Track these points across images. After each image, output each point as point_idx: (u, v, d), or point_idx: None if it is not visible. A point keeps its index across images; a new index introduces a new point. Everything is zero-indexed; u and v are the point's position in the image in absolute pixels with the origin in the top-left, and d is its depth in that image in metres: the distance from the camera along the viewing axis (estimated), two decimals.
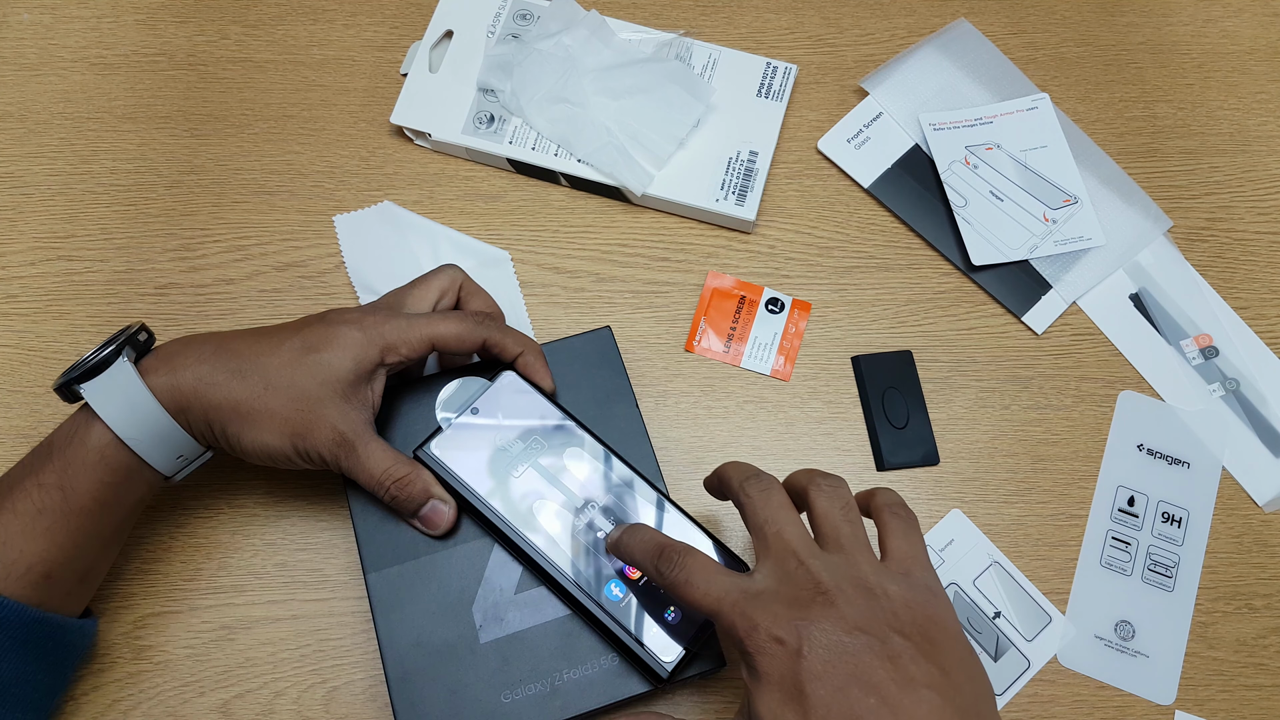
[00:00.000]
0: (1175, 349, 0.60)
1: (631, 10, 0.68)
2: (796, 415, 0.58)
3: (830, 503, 0.42)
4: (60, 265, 0.60)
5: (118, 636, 0.52)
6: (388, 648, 0.48)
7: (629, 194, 0.61)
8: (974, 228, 0.61)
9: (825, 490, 0.43)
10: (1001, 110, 0.64)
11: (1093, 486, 0.57)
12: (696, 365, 0.59)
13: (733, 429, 0.57)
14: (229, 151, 0.64)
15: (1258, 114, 0.66)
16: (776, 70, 0.64)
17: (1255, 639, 0.54)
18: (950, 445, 0.57)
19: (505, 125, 0.62)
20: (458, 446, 0.50)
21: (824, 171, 0.64)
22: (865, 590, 0.38)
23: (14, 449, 0.56)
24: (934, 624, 0.38)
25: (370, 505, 0.50)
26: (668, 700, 0.51)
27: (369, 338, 0.47)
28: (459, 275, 0.52)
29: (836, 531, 0.41)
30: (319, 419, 0.46)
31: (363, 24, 0.68)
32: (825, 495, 0.42)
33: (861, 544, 0.40)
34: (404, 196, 0.62)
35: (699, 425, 0.57)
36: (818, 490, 0.43)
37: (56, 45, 0.66)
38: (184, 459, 0.47)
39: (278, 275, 0.60)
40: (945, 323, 0.60)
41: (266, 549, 0.54)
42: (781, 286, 0.61)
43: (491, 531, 0.49)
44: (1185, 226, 0.63)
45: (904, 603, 0.38)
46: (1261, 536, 0.56)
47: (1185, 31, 0.68)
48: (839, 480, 0.43)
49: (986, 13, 0.69)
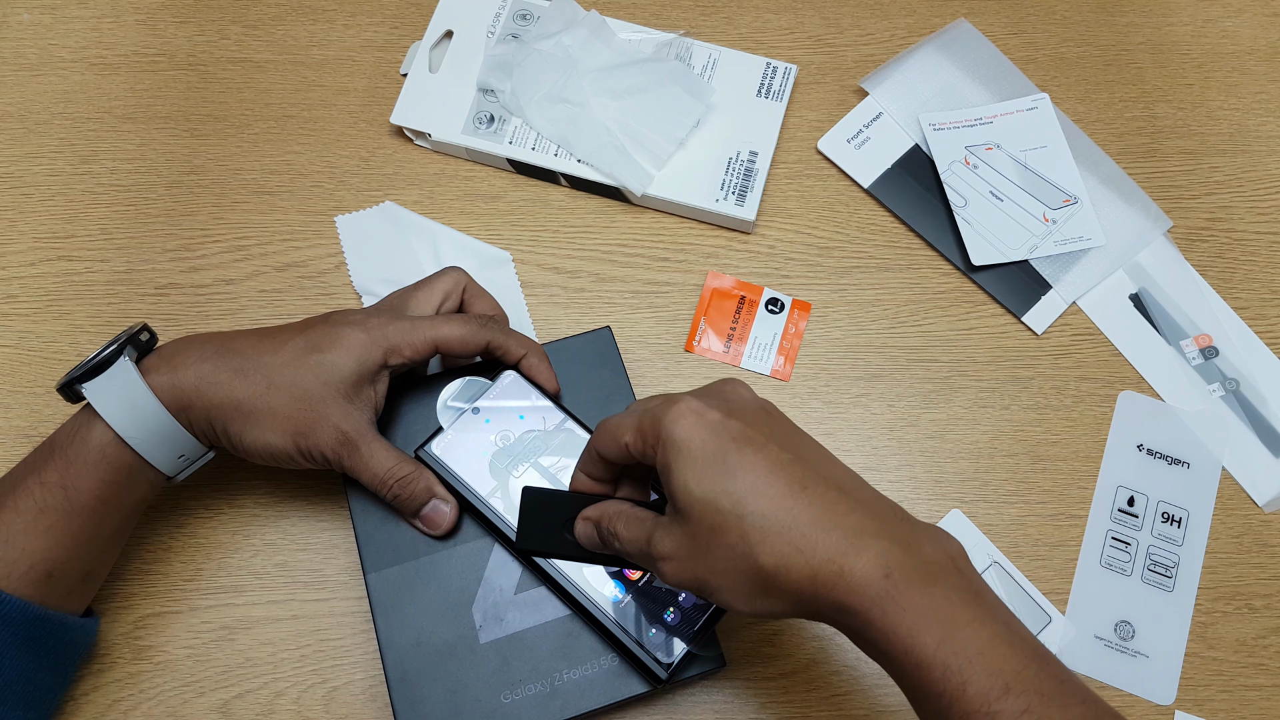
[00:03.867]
0: (1175, 349, 0.60)
1: (631, 10, 0.68)
2: (796, 415, 0.58)
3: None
4: (60, 265, 0.60)
5: (118, 636, 0.52)
6: (388, 648, 0.48)
7: (629, 194, 0.61)
8: (974, 228, 0.61)
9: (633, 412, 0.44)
10: (1001, 110, 0.64)
11: (1093, 486, 0.57)
12: (696, 365, 0.59)
13: None
14: (229, 151, 0.64)
15: (1258, 114, 0.66)
16: (776, 70, 0.64)
17: (1255, 639, 0.54)
18: (950, 445, 0.57)
19: (505, 125, 0.62)
20: (459, 446, 0.50)
21: (824, 171, 0.64)
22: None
23: (15, 449, 0.56)
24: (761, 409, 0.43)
25: (370, 505, 0.50)
26: (667, 700, 0.51)
27: (372, 339, 0.47)
28: (463, 278, 0.52)
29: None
30: (321, 418, 0.46)
31: (363, 24, 0.68)
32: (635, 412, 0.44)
33: None
34: (404, 196, 0.62)
35: None
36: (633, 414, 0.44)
37: (56, 45, 0.66)
38: (186, 459, 0.47)
39: (278, 275, 0.60)
40: (945, 323, 0.60)
41: (266, 549, 0.54)
42: (781, 286, 0.61)
43: (492, 531, 0.49)
44: (1185, 226, 0.63)
45: (739, 401, 0.42)
46: (1261, 536, 0.56)
47: (1185, 31, 0.68)
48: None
49: (986, 13, 0.69)
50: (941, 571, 0.37)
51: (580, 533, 0.45)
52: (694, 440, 0.39)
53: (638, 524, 0.42)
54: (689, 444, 0.39)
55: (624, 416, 0.43)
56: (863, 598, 0.36)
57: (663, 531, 0.41)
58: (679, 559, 0.40)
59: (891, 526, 0.38)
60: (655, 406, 0.42)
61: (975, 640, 0.35)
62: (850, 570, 0.36)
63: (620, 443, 0.42)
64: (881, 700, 0.52)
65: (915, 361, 0.59)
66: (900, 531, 0.38)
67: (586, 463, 0.45)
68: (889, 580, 0.36)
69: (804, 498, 0.38)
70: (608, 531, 0.43)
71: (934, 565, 0.37)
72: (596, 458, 0.45)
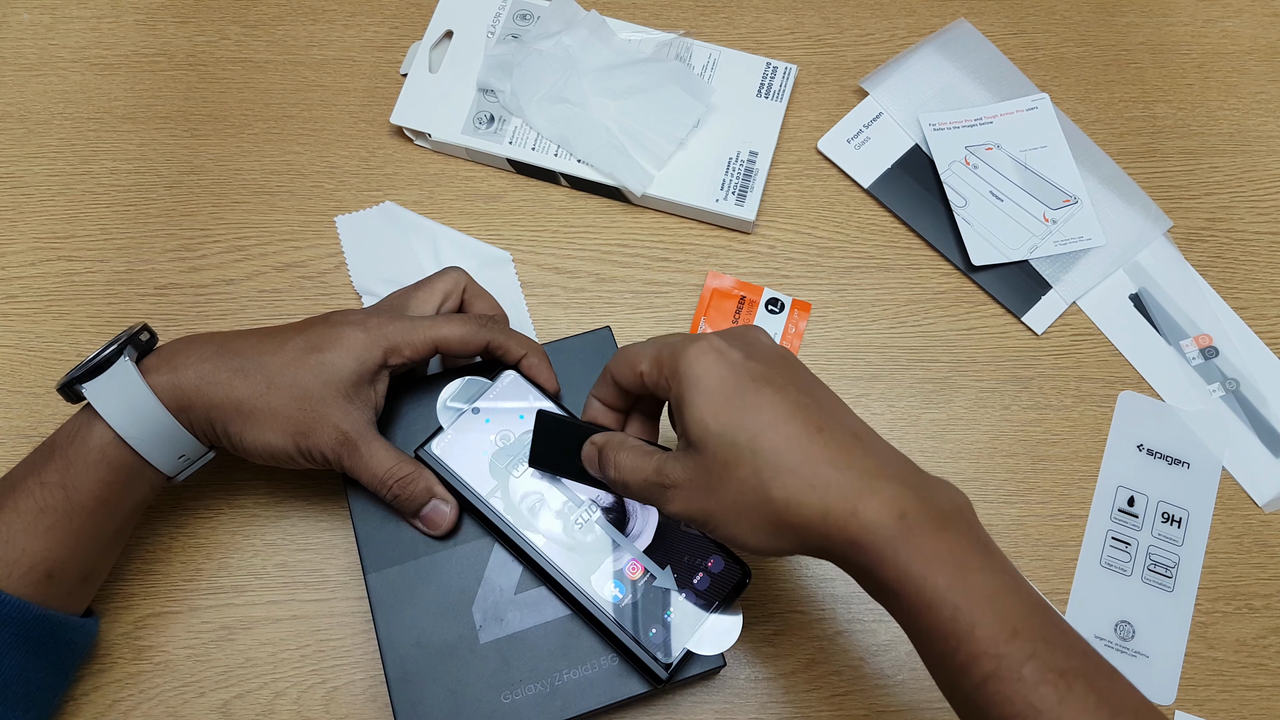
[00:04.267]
0: (1175, 349, 0.60)
1: (631, 10, 0.68)
2: None
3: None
4: (60, 265, 0.60)
5: (118, 636, 0.52)
6: (388, 648, 0.48)
7: (629, 194, 0.61)
8: (974, 228, 0.61)
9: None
10: (1001, 110, 0.64)
11: (1093, 486, 0.57)
12: None
13: None
14: (229, 151, 0.64)
15: (1258, 114, 0.66)
16: (776, 70, 0.64)
17: (1255, 639, 0.54)
18: (950, 445, 0.57)
19: (505, 125, 0.62)
20: (459, 446, 0.50)
21: (824, 172, 0.64)
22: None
23: (14, 449, 0.56)
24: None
25: (370, 505, 0.50)
26: (667, 700, 0.51)
27: (372, 339, 0.47)
28: (463, 278, 0.52)
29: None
30: (322, 418, 0.46)
31: (363, 24, 0.68)
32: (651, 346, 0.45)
33: None
34: (404, 196, 0.63)
35: None
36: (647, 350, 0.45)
37: (56, 45, 0.66)
38: (186, 459, 0.47)
39: (278, 275, 0.60)
40: (945, 323, 0.60)
41: (266, 549, 0.54)
42: (781, 287, 0.61)
43: (492, 531, 0.49)
44: (1185, 226, 0.63)
45: (760, 346, 0.43)
46: (1261, 536, 0.56)
47: (1185, 31, 0.68)
48: None
49: (986, 13, 0.69)
50: (953, 520, 0.38)
51: (586, 455, 0.46)
52: (712, 376, 0.40)
53: (643, 455, 0.43)
54: (707, 379, 0.40)
55: (643, 345, 0.44)
56: (876, 536, 0.37)
57: (673, 462, 0.41)
58: (688, 489, 0.40)
59: (905, 473, 0.39)
60: (675, 341, 0.42)
61: (985, 585, 0.36)
62: (864, 509, 0.37)
63: (635, 370, 0.43)
64: (882, 701, 0.52)
65: (915, 361, 0.59)
66: (914, 478, 0.39)
67: (600, 388, 0.47)
68: (903, 521, 0.37)
69: (819, 439, 0.39)
70: (607, 459, 0.44)
71: (946, 513, 0.38)
72: (611, 383, 0.46)
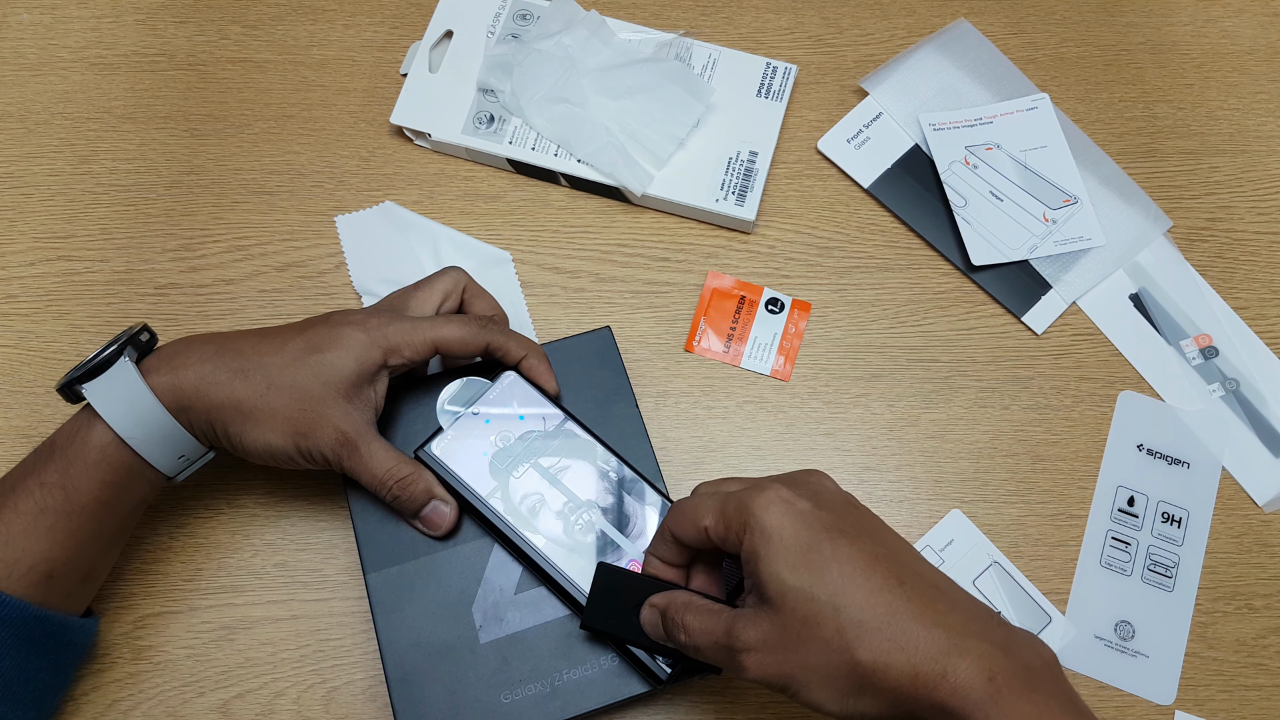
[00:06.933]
0: (1175, 349, 0.60)
1: (631, 10, 0.68)
2: (796, 415, 0.58)
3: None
4: (60, 265, 0.60)
5: (118, 636, 0.52)
6: (388, 648, 0.48)
7: (629, 194, 0.61)
8: (974, 228, 0.61)
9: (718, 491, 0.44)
10: (1001, 110, 0.64)
11: (1093, 486, 0.57)
12: (696, 365, 0.59)
13: (732, 429, 0.57)
14: (229, 151, 0.64)
15: (1258, 114, 0.66)
16: (776, 70, 0.64)
17: (1255, 639, 0.54)
18: (950, 445, 0.57)
19: (505, 125, 0.62)
20: (459, 447, 0.50)
21: (824, 171, 0.64)
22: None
23: (14, 449, 0.56)
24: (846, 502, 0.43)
25: (370, 505, 0.50)
26: (667, 700, 0.51)
27: (372, 339, 0.47)
28: (463, 278, 0.52)
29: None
30: (321, 418, 0.46)
31: (363, 24, 0.68)
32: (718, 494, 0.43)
33: None
34: (404, 196, 0.63)
35: (699, 425, 0.57)
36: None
37: (56, 45, 0.66)
38: (186, 459, 0.47)
39: (278, 275, 0.60)
40: (945, 323, 0.60)
41: (266, 549, 0.54)
42: (781, 286, 0.61)
43: (492, 532, 0.49)
44: (1185, 226, 0.63)
45: (826, 493, 0.42)
46: (1261, 536, 0.56)
47: (1185, 31, 0.68)
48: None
49: (986, 13, 0.69)
50: (1041, 678, 0.37)
51: (645, 619, 0.44)
52: (785, 528, 0.38)
53: (711, 615, 0.41)
54: (780, 531, 0.38)
55: (702, 500, 0.42)
56: (966, 701, 0.36)
57: (746, 622, 0.39)
58: (765, 651, 0.38)
59: (991, 629, 0.38)
60: (740, 492, 0.41)
61: None
62: (954, 671, 0.36)
63: (699, 526, 0.41)
64: None
65: (915, 361, 0.59)
66: (1000, 634, 0.38)
67: (659, 545, 0.44)
68: (993, 684, 0.36)
69: (901, 593, 0.37)
70: (673, 622, 0.42)
71: (1034, 670, 0.37)
72: (671, 540, 0.43)
